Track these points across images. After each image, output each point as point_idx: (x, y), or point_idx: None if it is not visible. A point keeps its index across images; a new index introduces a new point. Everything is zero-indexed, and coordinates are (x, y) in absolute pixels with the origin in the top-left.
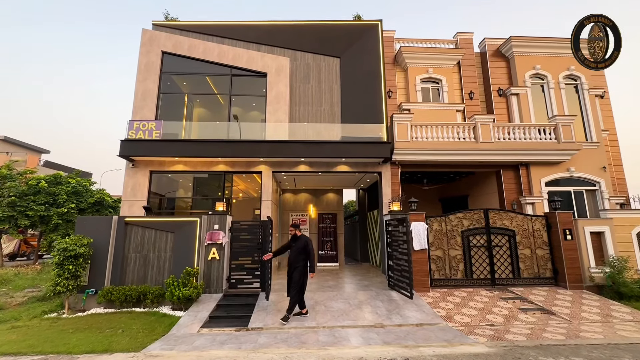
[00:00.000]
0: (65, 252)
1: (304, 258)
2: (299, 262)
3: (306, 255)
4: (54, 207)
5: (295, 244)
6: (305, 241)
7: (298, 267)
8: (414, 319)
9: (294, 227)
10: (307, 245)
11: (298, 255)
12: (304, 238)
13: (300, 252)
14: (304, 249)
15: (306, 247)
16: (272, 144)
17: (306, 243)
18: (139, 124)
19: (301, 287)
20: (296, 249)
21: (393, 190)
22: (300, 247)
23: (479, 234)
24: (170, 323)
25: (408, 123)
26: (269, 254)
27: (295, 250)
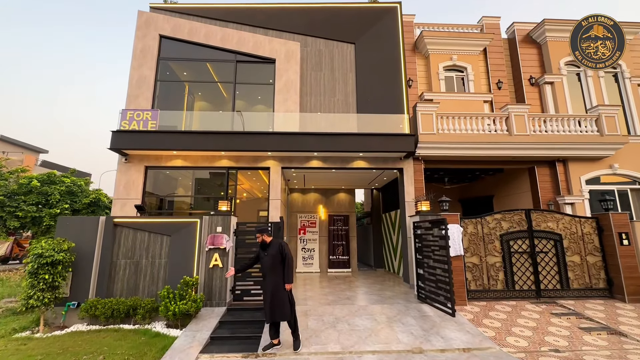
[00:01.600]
0: (40, 258)
1: (281, 267)
2: (277, 272)
3: (283, 262)
4: (46, 208)
5: (267, 250)
6: (280, 244)
7: (277, 276)
8: (459, 342)
9: (260, 232)
10: (282, 248)
11: (274, 263)
12: (276, 242)
13: (276, 258)
14: (279, 254)
15: (282, 251)
16: (281, 136)
17: (281, 246)
18: (133, 113)
19: (292, 302)
20: (270, 256)
21: (416, 188)
22: (275, 253)
23: (521, 238)
24: (164, 346)
25: (433, 113)
26: (231, 270)
27: (270, 258)
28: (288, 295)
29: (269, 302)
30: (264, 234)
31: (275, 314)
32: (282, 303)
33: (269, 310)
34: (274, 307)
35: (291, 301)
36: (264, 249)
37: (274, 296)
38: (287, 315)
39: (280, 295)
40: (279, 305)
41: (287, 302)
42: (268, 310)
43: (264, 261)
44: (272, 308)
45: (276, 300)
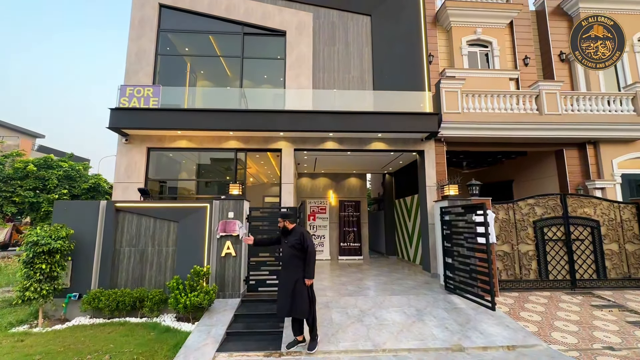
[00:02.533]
0: (35, 246)
1: (301, 258)
2: (294, 263)
3: (304, 254)
4: (44, 193)
5: (288, 238)
6: (302, 234)
7: (298, 271)
8: (501, 338)
9: (283, 217)
10: (304, 239)
11: (294, 254)
12: (299, 230)
13: (296, 248)
14: (300, 244)
15: (303, 242)
16: (294, 114)
17: (303, 236)
18: (133, 89)
19: (313, 299)
20: (290, 245)
21: (438, 172)
22: (295, 243)
23: (555, 225)
24: (176, 344)
25: (458, 91)
26: (249, 238)
27: (290, 247)
28: (308, 290)
29: (287, 296)
30: (287, 219)
31: (293, 310)
32: (301, 299)
33: (289, 306)
34: (292, 303)
35: (311, 297)
36: (284, 235)
37: (293, 291)
38: (306, 312)
39: (299, 290)
40: (298, 301)
41: (307, 299)
42: (286, 305)
43: (283, 249)
44: (291, 303)
45: (295, 296)
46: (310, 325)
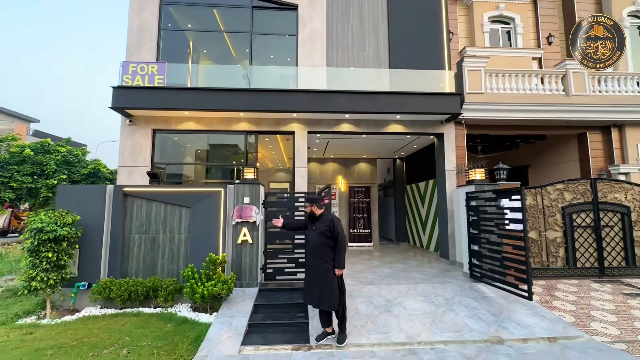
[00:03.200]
0: (40, 234)
1: (330, 246)
2: (323, 251)
3: (334, 243)
4: (42, 179)
5: (316, 224)
6: (332, 220)
7: (327, 260)
8: (539, 329)
9: (310, 201)
10: (334, 226)
11: (322, 242)
12: (328, 216)
13: (325, 236)
14: (330, 231)
15: (333, 230)
16: (308, 94)
17: (333, 223)
18: (136, 66)
19: (342, 290)
20: (318, 232)
21: (458, 156)
22: (324, 229)
23: (585, 211)
24: (197, 336)
25: (482, 70)
26: (279, 220)
27: (318, 235)
28: (338, 281)
29: (315, 287)
30: (315, 204)
31: (322, 301)
32: (331, 290)
33: (317, 297)
34: (321, 294)
35: (341, 288)
36: (312, 221)
37: (322, 281)
38: (336, 304)
39: (329, 281)
40: (327, 292)
41: (337, 290)
42: (314, 295)
43: (311, 237)
44: (320, 294)
45: (324, 286)
46: (340, 318)
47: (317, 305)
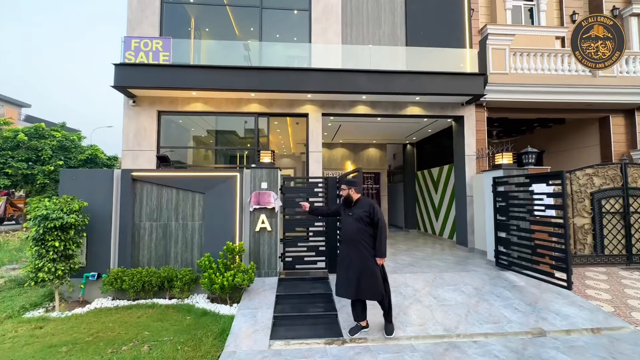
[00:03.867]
0: (46, 221)
1: (370, 234)
2: (362, 239)
3: (373, 230)
4: (38, 165)
5: (353, 210)
6: (371, 205)
7: (367, 248)
8: (581, 320)
9: (347, 184)
10: (374, 211)
11: (361, 228)
12: (367, 201)
13: (364, 222)
14: (369, 217)
15: (374, 216)
16: (323, 73)
17: (373, 208)
18: (139, 42)
19: (386, 279)
20: (356, 218)
21: (478, 140)
22: (363, 215)
23: (614, 197)
24: (221, 330)
25: (506, 48)
26: (306, 203)
27: (356, 221)
28: (380, 270)
29: (353, 276)
30: (353, 187)
31: (364, 292)
32: (373, 279)
33: (355, 287)
34: (362, 284)
35: (384, 276)
36: (347, 206)
37: (362, 271)
38: (379, 294)
39: (371, 270)
40: (369, 281)
41: (379, 278)
42: (352, 285)
43: (347, 223)
44: (359, 284)
45: (365, 276)
46: (386, 309)
47: (357, 296)
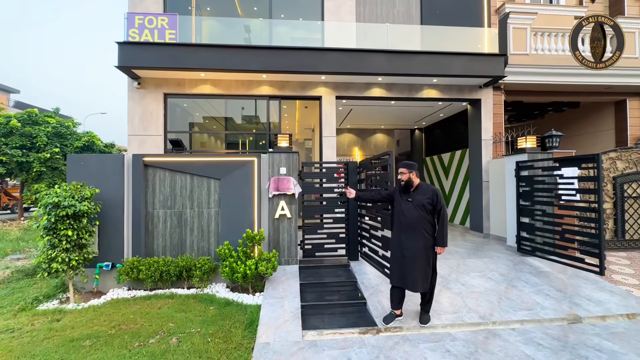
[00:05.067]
0: (57, 209)
1: (430, 222)
2: (423, 227)
3: (435, 218)
4: (33, 152)
5: (413, 196)
6: (435, 192)
7: (427, 237)
8: (614, 306)
9: (408, 167)
10: (438, 198)
11: (421, 214)
12: (429, 187)
13: (426, 210)
14: (432, 205)
15: (437, 203)
16: (338, 53)
17: (437, 195)
18: (143, 18)
19: (435, 269)
20: (416, 205)
21: (495, 124)
22: (425, 202)
23: (637, 181)
24: (250, 321)
25: (527, 28)
26: (351, 190)
27: (416, 208)
28: (434, 260)
29: (411, 266)
30: (413, 171)
31: (417, 282)
32: (428, 269)
33: (413, 277)
34: (418, 274)
35: (434, 267)
36: (406, 192)
37: (420, 260)
38: (428, 284)
39: (427, 259)
40: (424, 271)
41: (432, 270)
42: (409, 276)
43: (406, 210)
44: (418, 275)
45: (421, 265)
46: (427, 298)
47: (412, 288)
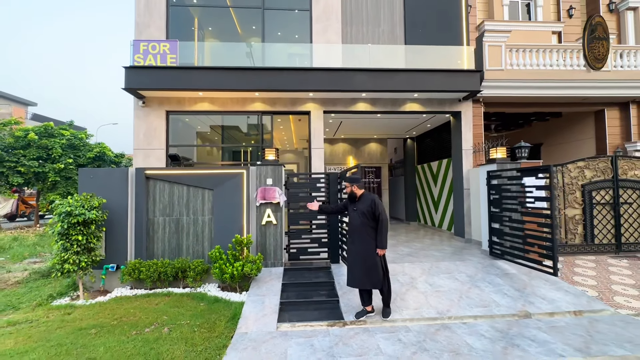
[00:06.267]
0: (70, 217)
1: (373, 227)
2: (365, 232)
3: (375, 223)
4: (49, 163)
5: (357, 205)
6: (373, 200)
7: (370, 241)
8: (565, 304)
9: (351, 181)
10: (376, 206)
11: (363, 221)
12: (369, 196)
13: (367, 217)
14: (371, 212)
15: (375, 210)
16: (324, 72)
17: (374, 203)
18: (147, 45)
19: (386, 269)
20: (359, 213)
21: (475, 135)
22: (365, 210)
23: (604, 188)
24: (232, 315)
25: (502, 45)
26: (314, 203)
27: (359, 215)
28: (381, 260)
29: (360, 267)
30: (355, 184)
31: (366, 281)
32: (375, 269)
33: (362, 277)
34: (366, 274)
35: (384, 267)
36: (352, 202)
37: (365, 261)
38: (379, 282)
39: (372, 261)
40: (371, 271)
41: (380, 269)
42: (359, 276)
43: (352, 217)
44: (365, 275)
45: (367, 266)
46: (385, 294)
47: (361, 286)
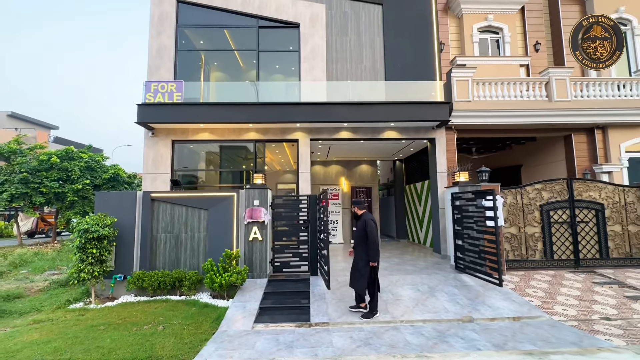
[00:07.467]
0: (87, 233)
1: (365, 242)
2: (360, 245)
3: (367, 239)
4: (68, 184)
5: (358, 223)
6: (365, 221)
7: (362, 253)
8: (507, 311)
9: (354, 204)
10: (365, 225)
11: (359, 236)
12: (364, 217)
13: (361, 233)
14: (363, 230)
15: (364, 228)
16: (310, 106)
17: (365, 223)
18: (157, 85)
19: (368, 276)
20: (358, 229)
21: (448, 159)
22: (360, 228)
23: (561, 208)
24: (217, 317)
25: (469, 79)
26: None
27: (357, 232)
28: (370, 271)
29: (351, 272)
30: (356, 206)
31: (352, 284)
32: (359, 275)
33: (350, 280)
34: (351, 278)
35: (373, 278)
36: (355, 220)
37: (354, 269)
38: (360, 288)
39: (358, 270)
40: (355, 275)
41: (364, 278)
42: (350, 279)
43: (354, 233)
44: (350, 278)
45: (353, 273)
46: (370, 299)
47: (350, 286)
